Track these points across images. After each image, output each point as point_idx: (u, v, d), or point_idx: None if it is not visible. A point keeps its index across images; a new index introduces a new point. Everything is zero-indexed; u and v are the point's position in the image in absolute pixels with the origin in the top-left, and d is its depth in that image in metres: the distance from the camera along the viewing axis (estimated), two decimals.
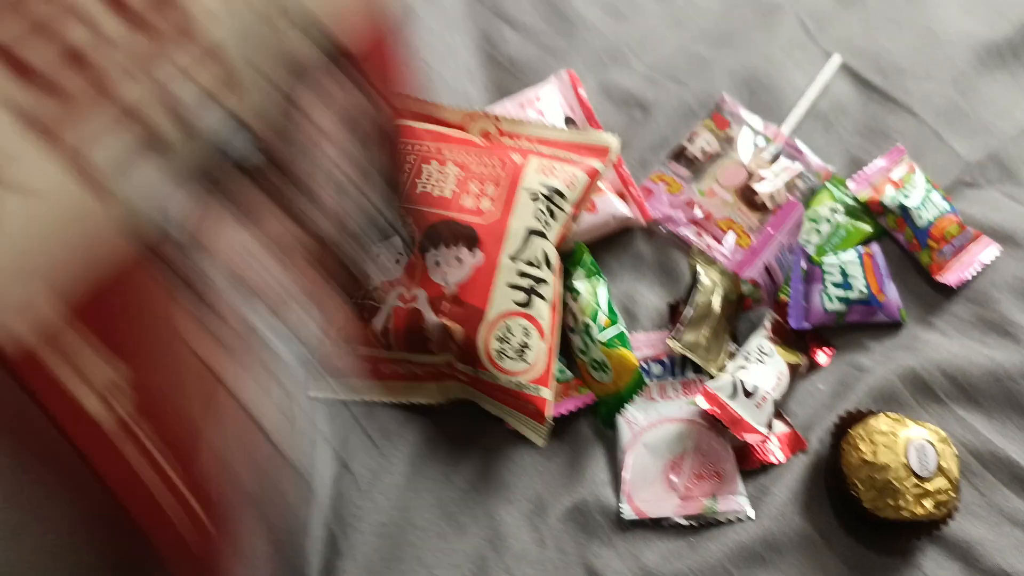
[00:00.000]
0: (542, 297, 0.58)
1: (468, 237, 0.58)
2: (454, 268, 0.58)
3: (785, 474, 0.60)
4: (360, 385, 0.60)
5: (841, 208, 0.70)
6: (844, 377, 0.64)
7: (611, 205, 0.66)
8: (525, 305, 0.57)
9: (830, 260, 0.65)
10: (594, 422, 0.62)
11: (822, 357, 0.64)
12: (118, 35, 0.35)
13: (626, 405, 0.60)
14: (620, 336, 0.59)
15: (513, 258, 0.58)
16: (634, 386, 0.60)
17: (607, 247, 0.68)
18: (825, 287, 0.64)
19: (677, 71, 0.77)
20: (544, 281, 0.58)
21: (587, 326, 0.59)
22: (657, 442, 0.59)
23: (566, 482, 0.59)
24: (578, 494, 0.58)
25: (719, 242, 0.67)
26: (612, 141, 0.65)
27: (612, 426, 0.60)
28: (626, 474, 0.59)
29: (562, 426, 0.61)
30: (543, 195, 0.60)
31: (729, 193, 0.69)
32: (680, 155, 0.71)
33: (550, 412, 0.57)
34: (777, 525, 0.58)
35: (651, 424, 0.60)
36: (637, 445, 0.59)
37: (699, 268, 0.63)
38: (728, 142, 0.71)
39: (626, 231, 0.69)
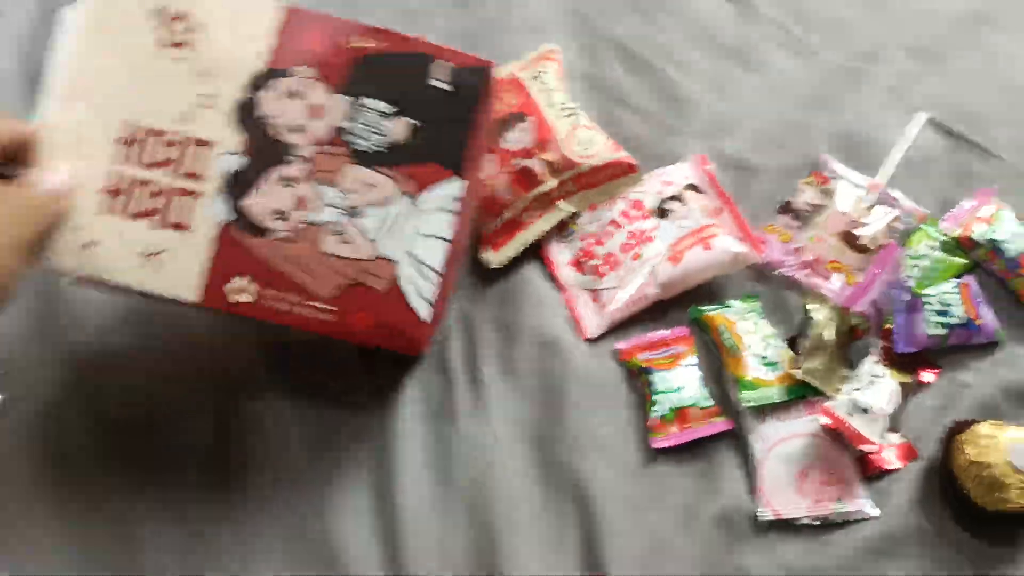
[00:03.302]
0: (578, 115, 0.84)
1: (516, 116, 0.84)
2: (525, 134, 0.82)
3: (902, 479, 0.69)
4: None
5: (937, 245, 0.79)
6: (949, 393, 0.73)
7: (727, 242, 0.77)
8: (575, 121, 0.83)
9: (930, 291, 0.75)
10: (729, 444, 0.72)
11: (928, 376, 0.74)
12: None
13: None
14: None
15: (550, 105, 0.83)
16: None
17: (729, 288, 0.79)
18: (927, 315, 0.74)
19: (778, 136, 0.88)
20: (576, 109, 0.84)
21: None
22: (787, 455, 0.70)
23: (710, 492, 0.70)
24: (721, 502, 0.69)
25: (827, 280, 0.78)
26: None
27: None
28: (761, 482, 0.69)
29: (702, 447, 0.72)
30: (538, 75, 0.87)
31: (835, 239, 0.80)
32: (787, 209, 0.82)
33: (632, 160, 0.81)
34: (897, 523, 0.67)
35: (781, 439, 0.70)
36: (770, 457, 0.70)
37: (812, 305, 0.74)
38: (829, 195, 0.82)
39: (743, 275, 0.80)
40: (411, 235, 0.63)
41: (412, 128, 0.64)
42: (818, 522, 0.68)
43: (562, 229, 0.83)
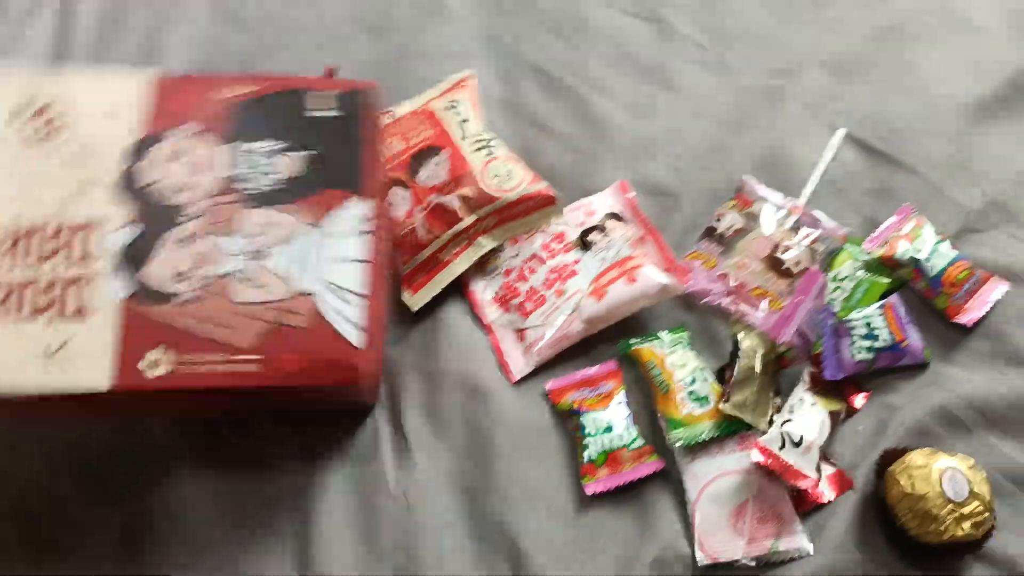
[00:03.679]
0: (493, 147, 0.81)
1: (431, 150, 0.81)
2: (440, 168, 0.79)
3: (837, 511, 0.68)
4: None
5: (860, 265, 0.78)
6: (880, 417, 0.72)
7: (651, 275, 0.75)
8: (490, 154, 0.80)
9: (855, 316, 0.74)
10: (663, 484, 0.70)
11: (859, 401, 0.73)
12: None
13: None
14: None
15: (463, 138, 0.81)
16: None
17: (656, 318, 0.78)
18: (853, 340, 0.73)
19: (700, 159, 0.86)
20: (490, 141, 0.82)
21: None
22: (720, 493, 0.68)
23: (645, 537, 0.68)
24: (657, 547, 0.67)
25: (755, 309, 0.76)
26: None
27: None
28: (696, 525, 0.67)
29: (637, 489, 0.70)
30: (451, 105, 0.85)
31: (759, 264, 0.78)
32: (711, 233, 0.81)
33: (552, 192, 0.79)
34: (835, 558, 0.66)
35: (713, 477, 0.68)
36: (703, 498, 0.68)
37: (740, 334, 0.73)
38: (752, 218, 0.81)
39: (670, 305, 0.78)
40: (324, 264, 0.62)
41: (304, 160, 0.64)
42: (755, 563, 0.66)
43: (484, 265, 0.81)
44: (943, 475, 0.62)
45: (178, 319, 0.59)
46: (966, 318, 0.74)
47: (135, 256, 0.61)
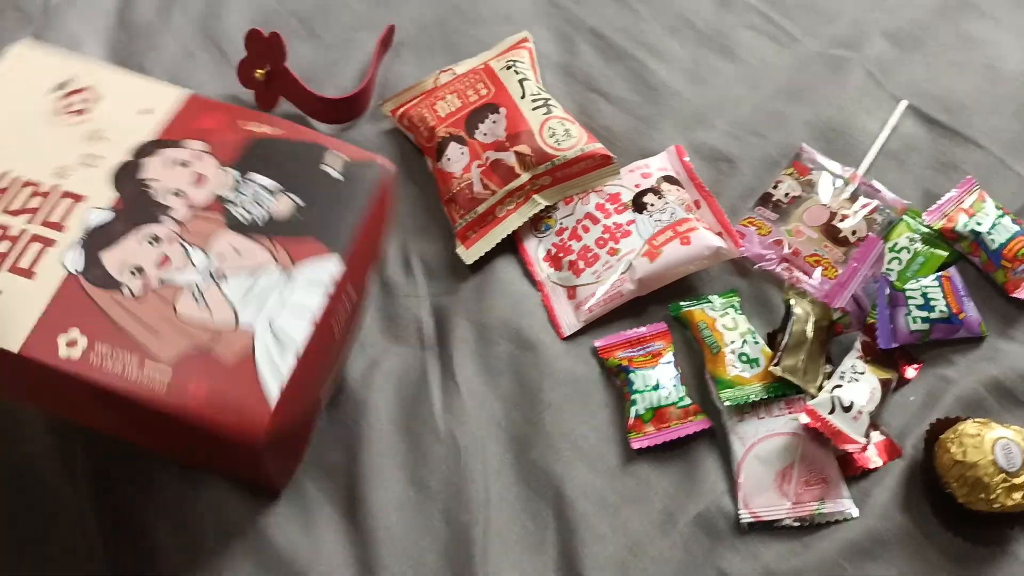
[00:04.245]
0: (551, 106, 0.83)
1: (489, 107, 0.82)
2: (497, 125, 0.81)
3: (885, 478, 0.68)
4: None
5: (918, 237, 0.77)
6: (932, 389, 0.71)
7: (705, 238, 0.75)
8: (548, 112, 0.81)
9: (912, 285, 0.73)
10: (710, 442, 0.71)
11: (911, 372, 0.72)
12: None
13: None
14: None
15: (522, 97, 0.82)
16: None
17: (707, 282, 0.78)
18: (909, 310, 0.72)
19: (757, 126, 0.86)
20: (548, 100, 0.83)
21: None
22: (767, 454, 0.68)
23: (690, 494, 0.68)
24: (701, 503, 0.67)
25: (809, 276, 0.76)
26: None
27: None
28: (741, 483, 0.67)
29: (682, 447, 0.70)
30: (510, 64, 0.86)
31: (815, 231, 0.78)
32: (767, 201, 0.81)
33: (608, 152, 0.80)
34: (881, 523, 0.66)
35: (760, 438, 0.68)
36: (749, 457, 0.68)
37: (792, 300, 0.72)
38: (810, 186, 0.80)
39: (722, 269, 0.78)
40: (276, 305, 0.59)
41: (295, 207, 0.63)
42: (799, 523, 0.66)
43: (538, 223, 0.81)
44: (996, 444, 0.62)
45: (114, 309, 0.58)
46: None
47: (103, 237, 0.60)
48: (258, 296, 0.59)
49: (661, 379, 0.72)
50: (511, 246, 0.80)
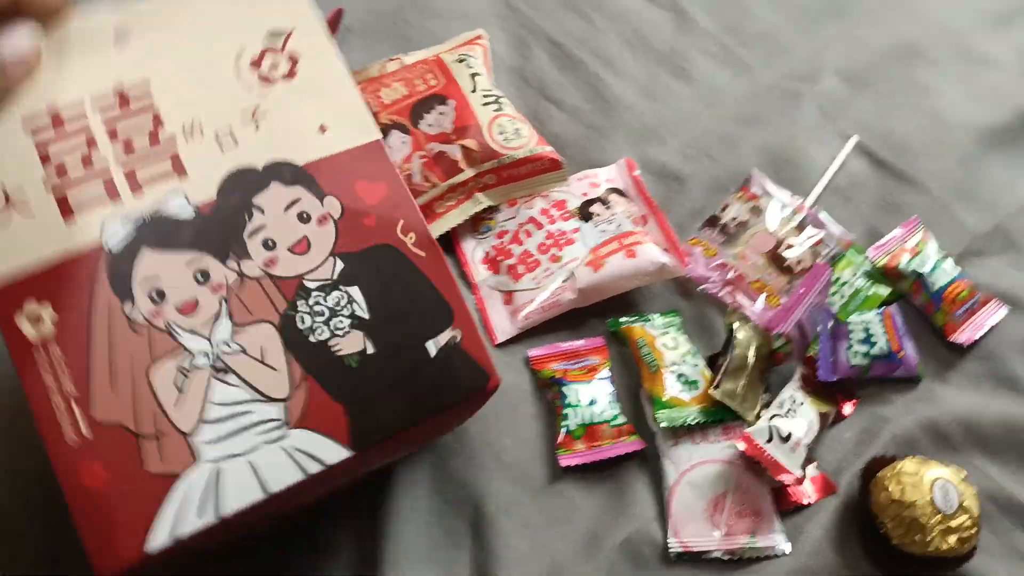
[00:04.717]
0: (503, 103, 0.79)
1: (436, 98, 0.78)
2: (444, 117, 0.76)
3: (818, 514, 0.65)
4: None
5: (861, 273, 0.76)
6: (868, 426, 0.69)
7: (651, 253, 0.73)
8: (499, 109, 0.77)
9: (854, 319, 0.72)
10: (641, 466, 0.67)
11: (848, 408, 0.70)
12: None
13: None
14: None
15: (473, 91, 0.78)
16: None
17: (649, 300, 0.75)
18: (850, 344, 0.70)
19: (709, 148, 0.84)
20: (500, 98, 0.79)
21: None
22: (700, 481, 0.65)
23: (617, 518, 0.64)
24: (629, 528, 0.64)
25: (752, 301, 0.74)
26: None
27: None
28: (672, 511, 0.64)
29: (613, 468, 0.66)
30: (463, 58, 0.81)
31: (761, 258, 0.76)
32: (714, 223, 0.78)
33: (558, 157, 0.76)
34: (813, 560, 0.63)
35: (694, 464, 0.65)
36: (682, 483, 0.65)
37: (736, 323, 0.70)
38: (758, 212, 0.78)
39: (664, 288, 0.75)
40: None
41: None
42: (728, 557, 0.63)
43: (477, 224, 0.77)
44: (934, 484, 0.60)
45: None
46: (963, 337, 0.73)
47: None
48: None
49: (596, 395, 0.68)
50: (447, 244, 0.76)
